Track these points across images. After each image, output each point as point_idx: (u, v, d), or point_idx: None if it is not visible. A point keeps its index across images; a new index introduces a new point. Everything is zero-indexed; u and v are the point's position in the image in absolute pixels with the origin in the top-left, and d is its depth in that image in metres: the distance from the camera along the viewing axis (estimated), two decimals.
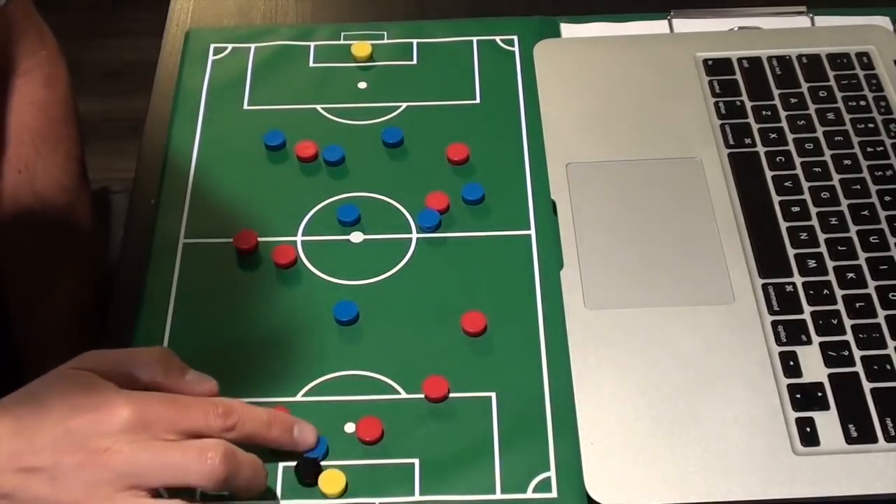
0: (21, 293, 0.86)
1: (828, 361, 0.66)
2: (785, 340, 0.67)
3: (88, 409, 0.58)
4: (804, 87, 0.81)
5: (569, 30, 0.87)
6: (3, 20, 0.81)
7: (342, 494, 0.62)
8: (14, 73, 0.83)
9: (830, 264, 0.70)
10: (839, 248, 0.71)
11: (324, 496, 0.62)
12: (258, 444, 0.62)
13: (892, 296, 0.69)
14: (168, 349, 0.64)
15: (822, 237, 0.72)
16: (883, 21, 0.87)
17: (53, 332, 0.85)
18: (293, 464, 0.63)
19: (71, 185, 0.88)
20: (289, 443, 0.63)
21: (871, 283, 0.69)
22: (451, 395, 0.67)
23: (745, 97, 0.81)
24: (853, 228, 0.72)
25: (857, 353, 0.66)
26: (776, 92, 0.81)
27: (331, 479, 0.62)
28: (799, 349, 0.67)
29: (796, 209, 0.74)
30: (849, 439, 0.63)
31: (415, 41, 0.87)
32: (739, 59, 0.83)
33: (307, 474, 0.63)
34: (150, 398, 0.60)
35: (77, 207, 0.88)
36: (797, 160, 0.76)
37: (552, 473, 0.63)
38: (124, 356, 0.62)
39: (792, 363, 0.66)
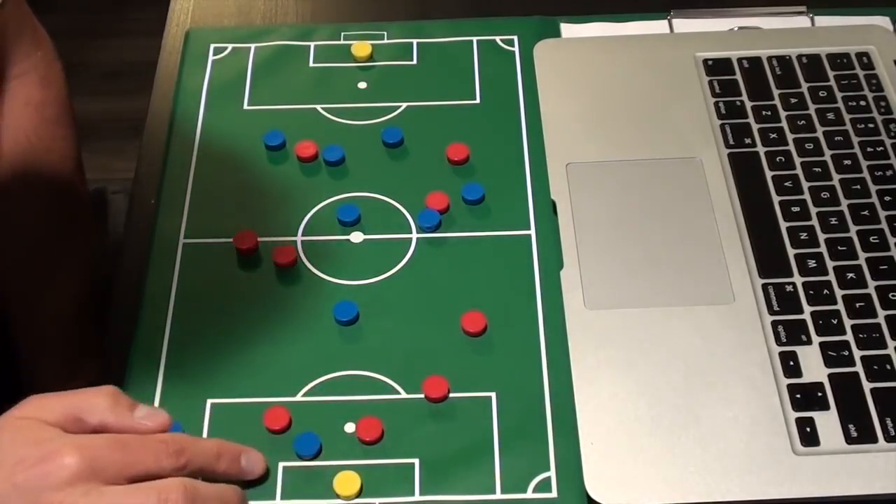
0: (18, 293, 0.86)
1: (828, 361, 0.66)
2: (785, 340, 0.67)
3: (35, 462, 0.56)
4: (804, 87, 0.81)
5: (569, 30, 0.87)
6: None
7: (358, 495, 0.62)
8: (9, 74, 0.83)
9: (830, 264, 0.70)
10: (839, 248, 0.71)
11: (334, 496, 0.62)
12: (209, 476, 0.60)
13: (892, 296, 0.69)
14: (114, 387, 0.61)
15: (822, 237, 0.72)
16: (883, 21, 0.87)
17: (51, 332, 0.85)
18: (292, 464, 0.64)
19: (68, 185, 0.88)
20: (237, 473, 0.62)
21: (871, 283, 0.69)
22: (451, 395, 0.67)
23: (745, 97, 0.81)
24: (853, 228, 0.72)
25: (857, 353, 0.66)
26: (776, 92, 0.81)
27: (345, 480, 0.62)
28: (799, 349, 0.67)
29: (796, 209, 0.74)
30: (849, 439, 0.63)
31: (415, 41, 0.87)
32: (739, 59, 0.83)
33: None
34: (96, 442, 0.58)
35: (74, 208, 0.88)
36: (797, 160, 0.76)
37: (552, 473, 0.63)
38: (69, 399, 0.60)
39: (792, 363, 0.66)
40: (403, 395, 0.67)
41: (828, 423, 0.63)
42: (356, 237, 0.75)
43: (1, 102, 0.83)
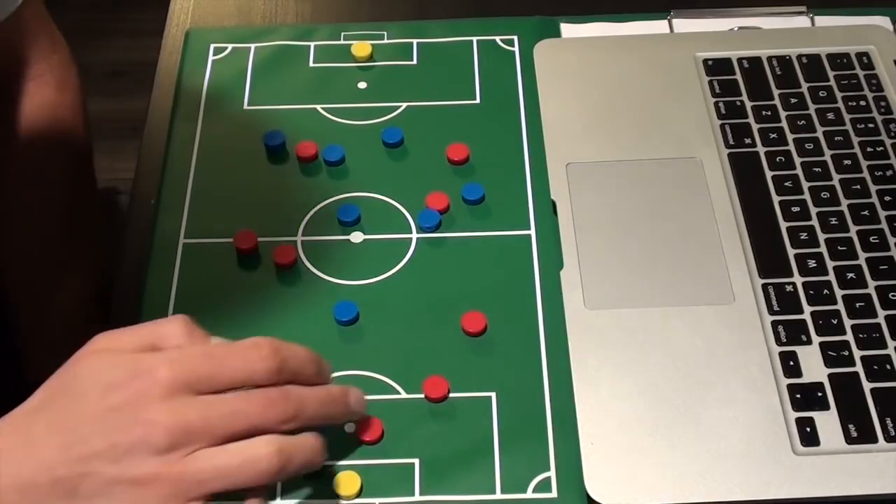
0: (27, 293, 0.86)
1: (828, 361, 0.66)
2: (785, 340, 0.67)
3: (126, 380, 0.56)
4: (804, 87, 0.81)
5: (569, 30, 0.87)
6: (17, 22, 0.81)
7: (358, 495, 0.62)
8: (26, 75, 0.84)
9: (830, 264, 0.70)
10: (839, 248, 0.71)
11: (334, 496, 0.62)
12: (303, 382, 0.59)
13: (892, 296, 0.69)
14: (186, 317, 0.60)
15: (822, 237, 0.72)
16: (883, 21, 0.87)
17: (58, 331, 0.85)
18: None
19: (79, 187, 0.88)
20: (332, 392, 0.61)
21: (871, 283, 0.69)
22: (451, 395, 0.67)
23: (745, 97, 0.81)
24: (853, 228, 0.72)
25: (857, 353, 0.66)
26: (776, 92, 0.81)
27: (345, 480, 0.62)
28: (799, 349, 0.67)
29: (796, 209, 0.74)
30: (849, 439, 0.63)
31: (415, 41, 0.87)
32: (739, 59, 0.83)
33: None
34: (185, 353, 0.57)
35: (85, 209, 0.88)
36: (797, 160, 0.76)
37: (552, 473, 0.63)
38: (142, 331, 0.59)
39: (792, 363, 0.66)
40: (403, 395, 0.67)
41: (828, 423, 0.63)
42: (356, 237, 0.75)
43: (17, 102, 0.83)
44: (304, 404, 0.58)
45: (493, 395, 0.67)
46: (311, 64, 0.85)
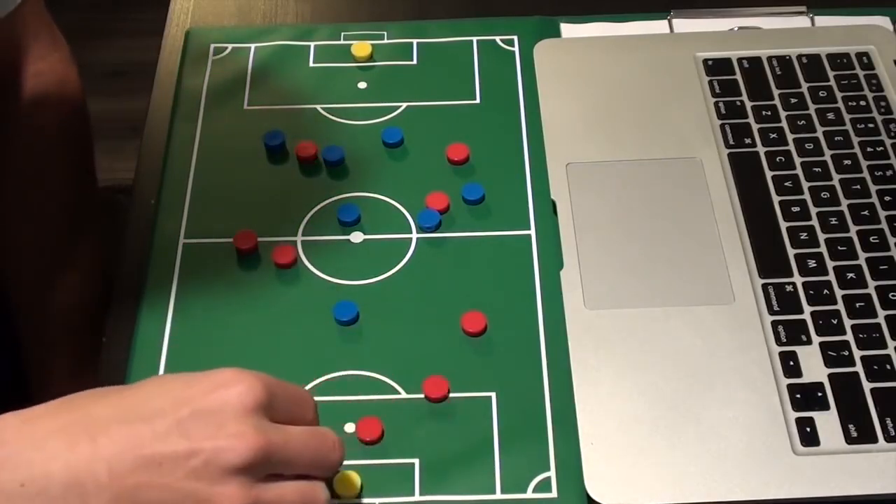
0: (27, 291, 0.86)
1: (828, 361, 0.66)
2: (785, 340, 0.67)
3: (211, 389, 0.54)
4: (804, 87, 0.81)
5: (569, 30, 0.87)
6: (17, 21, 0.81)
7: (358, 495, 0.62)
8: (26, 73, 0.84)
9: (830, 264, 0.70)
10: (839, 248, 0.71)
11: (334, 496, 0.62)
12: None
13: (892, 296, 0.69)
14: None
15: (822, 237, 0.72)
16: (883, 21, 0.87)
17: (58, 330, 0.86)
18: None
19: (79, 186, 0.88)
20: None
21: (871, 283, 0.69)
22: (451, 395, 0.67)
23: (745, 97, 0.81)
24: (853, 228, 0.72)
25: (857, 353, 0.66)
26: (776, 92, 0.81)
27: (345, 480, 0.62)
28: (799, 349, 0.67)
29: (796, 209, 0.74)
30: (849, 439, 0.63)
31: (415, 41, 0.87)
32: (739, 59, 0.83)
33: None
34: (268, 380, 0.56)
35: (85, 208, 0.88)
36: (797, 160, 0.76)
37: (552, 473, 0.63)
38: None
39: (792, 363, 0.66)
40: (403, 395, 0.67)
41: (828, 423, 0.63)
42: (356, 237, 0.75)
43: (17, 100, 0.83)
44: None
45: (493, 395, 0.67)
46: (311, 64, 0.85)
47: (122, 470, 0.52)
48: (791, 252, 0.71)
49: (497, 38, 0.87)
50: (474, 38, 0.87)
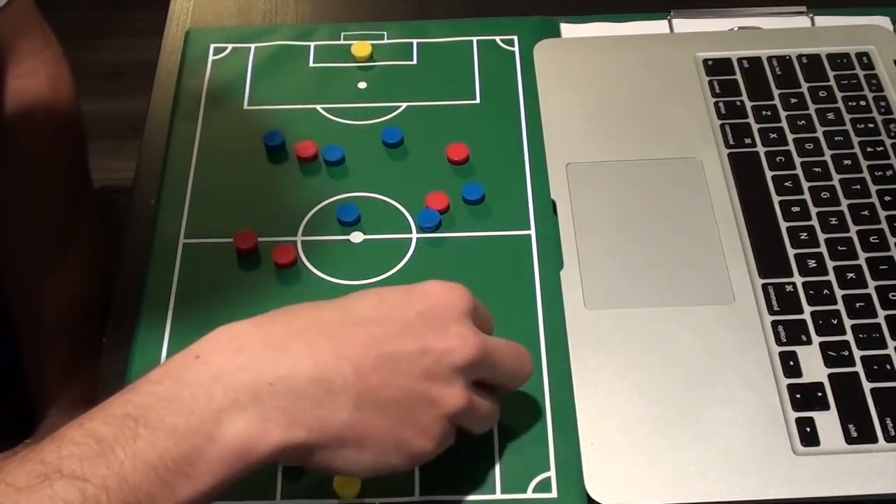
0: (22, 291, 0.86)
1: (828, 361, 0.66)
2: (785, 340, 0.67)
3: (438, 293, 0.58)
4: (804, 87, 0.81)
5: (569, 30, 0.87)
6: (6, 20, 0.81)
7: (358, 495, 0.62)
8: (17, 72, 0.84)
9: (830, 264, 0.70)
10: (839, 248, 0.71)
11: (334, 496, 0.62)
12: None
13: (892, 296, 0.69)
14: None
15: (822, 237, 0.72)
16: (883, 21, 0.87)
17: (54, 325, 0.86)
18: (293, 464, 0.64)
19: (73, 184, 0.88)
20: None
21: (871, 283, 0.69)
22: None
23: (745, 97, 0.81)
24: (853, 228, 0.72)
25: (857, 353, 0.66)
26: (776, 92, 0.81)
27: (345, 480, 0.62)
28: (799, 349, 0.67)
29: (796, 209, 0.74)
30: (849, 439, 0.63)
31: (415, 41, 0.87)
32: (739, 59, 0.83)
33: None
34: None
35: (79, 206, 0.88)
36: (797, 160, 0.76)
37: (552, 473, 0.63)
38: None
39: (792, 363, 0.66)
40: None
41: (828, 423, 0.63)
42: (356, 237, 0.75)
43: (9, 99, 0.83)
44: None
45: None
46: (311, 64, 0.85)
47: (366, 368, 0.54)
48: (791, 252, 0.71)
49: (497, 38, 0.87)
50: (474, 38, 0.87)
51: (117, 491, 0.48)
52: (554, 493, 0.63)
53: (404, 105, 0.83)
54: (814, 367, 0.66)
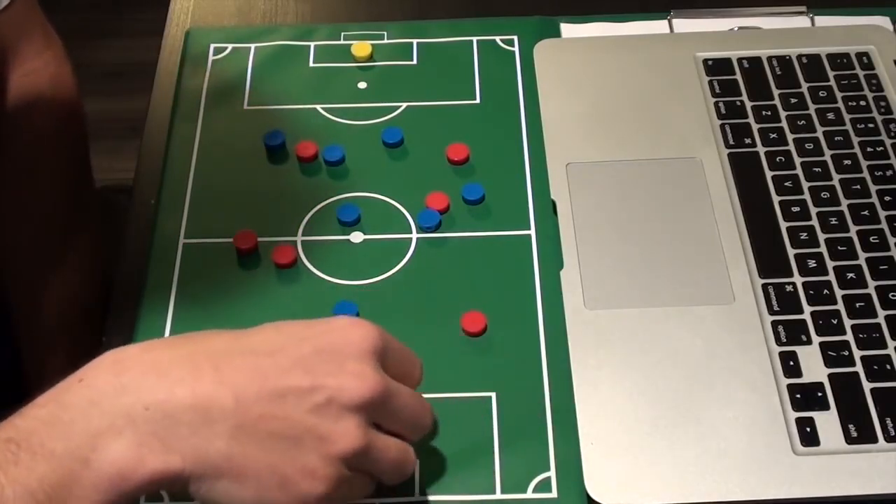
0: (22, 291, 0.86)
1: (828, 361, 0.66)
2: (785, 340, 0.67)
3: (330, 330, 0.56)
4: (804, 87, 0.81)
5: (569, 30, 0.87)
6: (8, 20, 0.81)
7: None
8: (20, 72, 0.84)
9: (830, 264, 0.70)
10: (839, 248, 0.71)
11: None
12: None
13: (892, 296, 0.69)
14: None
15: (822, 237, 0.72)
16: (883, 21, 0.87)
17: (53, 325, 0.86)
18: None
19: (74, 183, 0.88)
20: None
21: (871, 283, 0.69)
22: (451, 394, 0.66)
23: (745, 97, 0.81)
24: (853, 228, 0.72)
25: (857, 353, 0.66)
26: (776, 92, 0.81)
27: None
28: (799, 349, 0.67)
29: (796, 209, 0.74)
30: (849, 439, 0.63)
31: (415, 41, 0.87)
32: (739, 59, 0.83)
33: None
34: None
35: (81, 206, 0.88)
36: (797, 160, 0.76)
37: (552, 473, 0.63)
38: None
39: (792, 363, 0.66)
40: None
41: (828, 423, 0.63)
42: (356, 237, 0.75)
43: (11, 98, 0.83)
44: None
45: (493, 395, 0.67)
46: (311, 64, 0.85)
47: (248, 399, 0.52)
48: (791, 252, 0.71)
49: (497, 38, 0.87)
50: (474, 38, 0.87)
51: None
52: (554, 493, 0.63)
53: (404, 105, 0.83)
54: (814, 367, 0.66)
